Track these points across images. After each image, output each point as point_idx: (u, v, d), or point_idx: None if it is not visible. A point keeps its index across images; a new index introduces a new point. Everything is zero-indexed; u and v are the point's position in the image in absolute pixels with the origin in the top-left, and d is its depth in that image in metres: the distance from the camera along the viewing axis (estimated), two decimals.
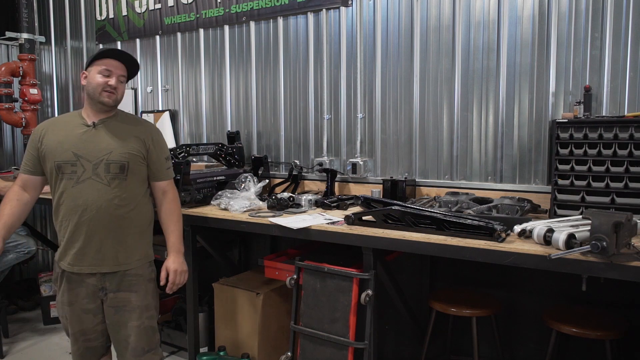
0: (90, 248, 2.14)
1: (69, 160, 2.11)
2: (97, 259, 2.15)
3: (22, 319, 4.14)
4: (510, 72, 2.70)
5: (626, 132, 2.17)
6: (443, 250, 2.04)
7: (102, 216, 2.13)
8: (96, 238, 2.14)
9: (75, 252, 2.14)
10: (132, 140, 2.20)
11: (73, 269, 2.16)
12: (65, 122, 2.20)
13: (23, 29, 4.71)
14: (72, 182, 2.11)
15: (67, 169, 2.11)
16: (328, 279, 2.36)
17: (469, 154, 2.85)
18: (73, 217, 2.12)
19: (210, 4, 3.74)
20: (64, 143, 2.12)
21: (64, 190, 2.13)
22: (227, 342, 2.98)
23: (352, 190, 3.21)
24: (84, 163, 2.12)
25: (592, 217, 1.71)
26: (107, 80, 2.14)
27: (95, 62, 2.16)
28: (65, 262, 2.17)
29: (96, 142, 2.15)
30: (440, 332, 2.77)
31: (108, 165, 2.13)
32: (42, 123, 2.23)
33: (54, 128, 2.18)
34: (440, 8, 2.87)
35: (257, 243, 3.69)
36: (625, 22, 2.41)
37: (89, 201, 2.11)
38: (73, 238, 2.14)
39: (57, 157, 2.11)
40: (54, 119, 2.28)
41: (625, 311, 2.42)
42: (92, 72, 2.16)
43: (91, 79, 2.15)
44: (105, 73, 2.14)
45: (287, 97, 3.50)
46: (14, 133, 5.05)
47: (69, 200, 2.12)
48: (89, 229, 2.13)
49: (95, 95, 2.14)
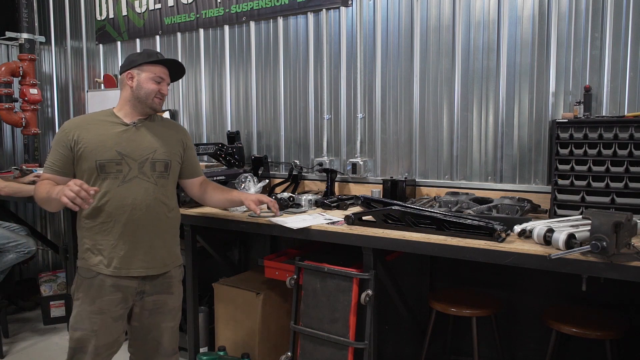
0: (139, 249, 2.08)
1: (113, 159, 2.05)
2: (146, 261, 2.09)
3: (22, 319, 4.14)
4: (510, 72, 2.70)
5: (626, 132, 2.17)
6: (443, 250, 2.03)
7: (151, 215, 2.10)
8: (146, 238, 2.09)
9: (124, 254, 2.06)
10: (172, 140, 2.22)
11: (120, 272, 2.06)
12: (99, 120, 2.12)
13: (23, 29, 4.71)
14: (117, 181, 2.05)
15: (111, 168, 2.04)
16: (328, 279, 2.36)
17: (469, 154, 2.85)
18: (121, 217, 2.04)
19: (210, 4, 3.74)
20: (106, 142, 2.06)
21: (108, 190, 2.04)
22: (227, 342, 2.98)
23: (352, 190, 3.21)
24: (129, 162, 2.07)
25: (592, 217, 1.71)
26: (160, 87, 2.15)
27: (145, 66, 2.13)
28: (109, 266, 2.05)
29: (138, 141, 2.11)
30: (440, 332, 2.77)
31: (154, 163, 2.12)
32: (69, 122, 2.12)
33: (87, 127, 2.08)
34: (440, 8, 2.87)
35: (257, 243, 3.69)
36: (625, 22, 2.41)
37: (137, 200, 2.06)
38: (121, 239, 2.05)
39: (99, 156, 2.04)
40: (82, 118, 2.18)
41: (625, 311, 2.43)
42: (142, 76, 2.12)
43: (143, 84, 2.11)
44: (158, 80, 2.14)
45: (287, 97, 3.50)
46: (14, 133, 5.05)
47: (116, 200, 2.04)
48: (138, 229, 2.07)
49: (148, 100, 2.12)
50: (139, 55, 2.18)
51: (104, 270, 2.05)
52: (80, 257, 2.12)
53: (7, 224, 3.88)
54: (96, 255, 2.06)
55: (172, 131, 2.26)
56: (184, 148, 2.28)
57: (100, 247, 2.06)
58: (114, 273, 2.05)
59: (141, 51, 2.27)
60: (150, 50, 2.23)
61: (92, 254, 2.07)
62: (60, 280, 4.09)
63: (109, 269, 2.05)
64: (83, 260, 2.10)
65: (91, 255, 2.07)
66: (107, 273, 2.05)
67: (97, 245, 2.07)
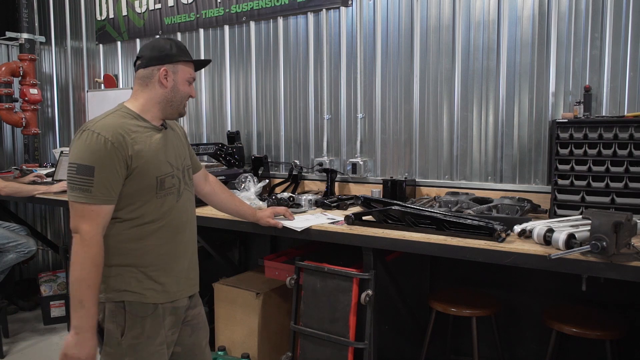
0: (186, 267, 1.84)
1: (169, 173, 1.75)
2: (190, 278, 1.86)
3: (22, 319, 4.14)
4: (510, 72, 2.70)
5: (626, 132, 2.17)
6: (443, 250, 2.03)
7: (194, 230, 1.91)
8: (189, 255, 1.86)
9: (179, 277, 1.79)
10: (183, 140, 1.96)
11: (177, 295, 1.78)
12: (134, 125, 1.70)
13: (23, 29, 4.72)
14: (174, 196, 1.77)
15: (168, 183, 1.74)
16: (328, 279, 2.36)
17: (469, 154, 2.85)
18: (177, 237, 1.78)
19: (210, 4, 3.74)
20: (158, 153, 1.72)
21: (170, 209, 1.75)
22: (227, 342, 2.98)
23: (352, 190, 3.21)
24: (176, 173, 1.79)
25: (592, 217, 1.71)
26: (192, 90, 1.84)
27: (182, 64, 1.78)
28: (167, 291, 1.75)
29: (173, 147, 1.82)
30: (440, 332, 2.77)
31: (188, 170, 1.89)
32: (108, 130, 1.61)
33: (133, 135, 1.66)
34: (440, 8, 2.87)
35: (257, 243, 3.69)
36: (625, 22, 2.41)
37: (189, 215, 1.85)
38: (175, 261, 1.78)
39: (158, 171, 1.70)
40: (117, 123, 1.66)
41: (625, 311, 2.42)
42: (179, 75, 1.78)
43: (180, 86, 1.78)
44: (191, 81, 1.83)
45: (287, 97, 3.50)
46: (14, 133, 5.06)
47: (175, 218, 1.77)
48: (187, 246, 1.84)
49: (181, 105, 1.81)
50: (170, 47, 1.76)
51: (160, 299, 1.73)
52: (117, 289, 1.68)
53: (7, 224, 3.88)
54: (150, 283, 1.72)
55: (177, 129, 1.96)
56: (186, 142, 2.01)
57: (156, 273, 1.73)
58: (173, 298, 1.77)
59: (170, 41, 1.79)
60: (180, 44, 1.82)
61: (140, 282, 1.70)
62: (60, 280, 4.09)
63: (167, 295, 1.75)
64: (129, 293, 1.69)
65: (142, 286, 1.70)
66: (165, 300, 1.75)
67: (153, 269, 1.72)
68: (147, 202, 1.69)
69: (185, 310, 1.85)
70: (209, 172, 2.26)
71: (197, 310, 1.93)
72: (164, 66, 1.74)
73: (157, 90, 1.75)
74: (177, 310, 1.80)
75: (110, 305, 1.69)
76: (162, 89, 1.75)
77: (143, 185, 1.67)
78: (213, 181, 2.22)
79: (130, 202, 1.67)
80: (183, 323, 1.86)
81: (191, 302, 1.89)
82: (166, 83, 1.75)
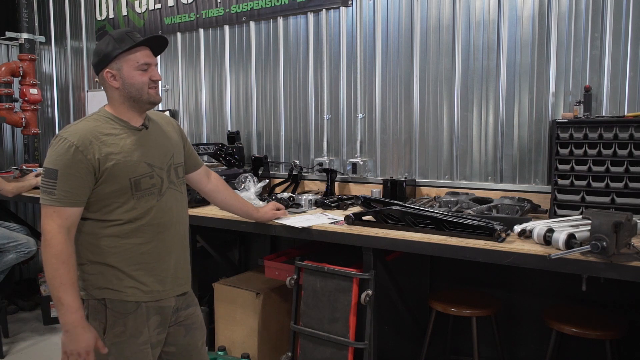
0: (178, 265, 1.86)
1: (146, 173, 1.75)
2: (178, 277, 1.86)
3: (22, 319, 4.14)
4: (510, 72, 2.70)
5: (626, 132, 2.17)
6: (443, 250, 2.03)
7: (182, 229, 1.89)
8: (175, 254, 1.85)
9: (163, 276, 1.80)
10: (175, 136, 1.93)
11: (162, 294, 1.79)
12: (108, 128, 1.73)
13: (23, 29, 4.71)
14: (154, 196, 1.76)
15: (145, 184, 1.74)
16: (328, 279, 2.36)
17: (469, 154, 2.85)
18: (159, 236, 1.78)
19: (210, 4, 3.74)
20: (131, 154, 1.72)
21: (149, 209, 1.75)
22: (227, 342, 2.98)
23: (352, 190, 3.21)
24: (158, 172, 1.79)
25: (592, 217, 1.71)
26: (149, 74, 1.76)
27: (123, 56, 1.73)
28: (151, 291, 1.76)
29: (155, 146, 1.81)
30: (440, 332, 2.77)
31: (176, 169, 1.87)
32: (75, 136, 1.65)
33: (103, 139, 1.69)
34: (440, 8, 2.87)
35: (257, 243, 3.69)
36: (625, 22, 2.41)
37: (173, 215, 1.83)
38: (159, 261, 1.79)
39: (132, 172, 1.71)
40: (87, 128, 1.70)
41: (625, 311, 2.42)
42: (125, 69, 1.73)
43: (129, 79, 1.73)
44: (144, 68, 1.75)
45: (287, 97, 3.50)
46: (14, 133, 5.06)
47: (156, 218, 1.77)
48: (172, 246, 1.83)
49: (143, 95, 1.76)
50: (108, 43, 1.73)
51: (142, 298, 1.74)
52: (98, 286, 1.72)
53: (7, 224, 3.88)
54: (131, 282, 1.74)
55: (169, 126, 1.95)
56: (183, 140, 1.99)
57: (138, 272, 1.75)
58: (157, 297, 1.78)
59: (107, 37, 1.75)
60: (120, 32, 1.76)
61: (121, 280, 1.72)
62: None
63: (151, 294, 1.77)
64: (110, 291, 1.71)
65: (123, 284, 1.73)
66: (149, 299, 1.76)
67: (121, 269, 1.73)
68: (124, 203, 1.72)
69: (175, 310, 1.86)
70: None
71: (190, 311, 1.93)
72: (106, 69, 1.74)
73: (114, 92, 1.77)
74: (163, 310, 1.81)
75: (93, 302, 1.73)
76: (116, 90, 1.76)
77: (115, 187, 1.70)
78: (215, 179, 2.22)
79: (106, 203, 1.71)
80: (176, 323, 1.87)
81: (182, 303, 1.89)
82: (116, 84, 1.75)
